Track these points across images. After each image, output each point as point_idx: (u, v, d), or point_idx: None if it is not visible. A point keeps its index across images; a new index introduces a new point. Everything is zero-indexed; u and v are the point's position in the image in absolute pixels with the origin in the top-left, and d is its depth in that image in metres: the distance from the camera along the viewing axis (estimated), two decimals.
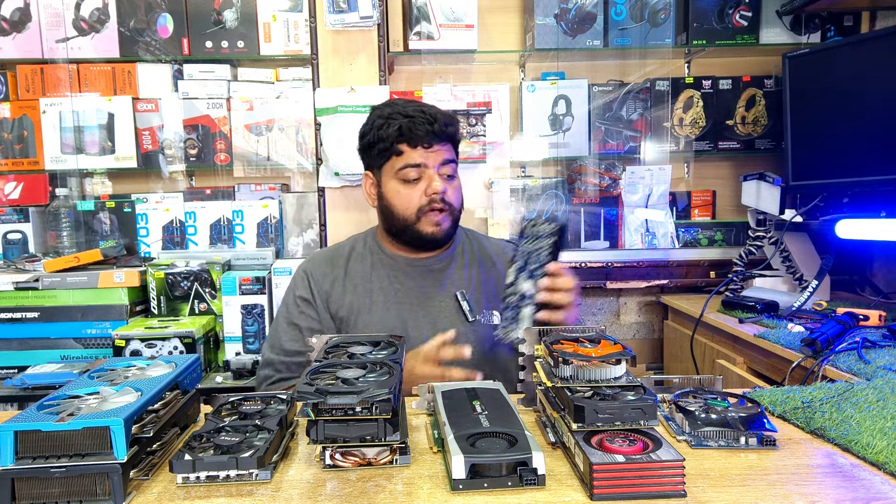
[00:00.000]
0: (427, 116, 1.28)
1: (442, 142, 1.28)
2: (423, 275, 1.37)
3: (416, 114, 1.28)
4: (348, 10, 1.95)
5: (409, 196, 1.30)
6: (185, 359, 0.96)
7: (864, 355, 1.27)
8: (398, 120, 1.28)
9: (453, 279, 1.37)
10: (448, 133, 1.28)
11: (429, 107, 1.32)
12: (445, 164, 1.30)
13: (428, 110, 1.30)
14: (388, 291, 1.36)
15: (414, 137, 1.27)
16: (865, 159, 1.74)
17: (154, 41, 2.15)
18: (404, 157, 1.29)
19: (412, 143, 1.28)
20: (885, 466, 0.77)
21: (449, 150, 1.31)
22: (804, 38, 2.25)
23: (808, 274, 1.90)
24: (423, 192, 1.29)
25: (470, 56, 2.26)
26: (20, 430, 0.70)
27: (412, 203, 1.30)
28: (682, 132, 2.33)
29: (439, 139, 1.28)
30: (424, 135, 1.26)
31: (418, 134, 1.26)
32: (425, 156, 1.28)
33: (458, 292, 1.34)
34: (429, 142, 1.27)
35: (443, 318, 1.33)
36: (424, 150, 1.27)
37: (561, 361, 0.80)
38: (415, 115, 1.28)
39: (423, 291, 1.36)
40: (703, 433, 0.85)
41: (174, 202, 2.20)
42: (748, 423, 0.85)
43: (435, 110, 1.31)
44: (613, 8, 2.22)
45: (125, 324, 1.87)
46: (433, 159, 1.28)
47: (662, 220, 2.32)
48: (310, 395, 0.74)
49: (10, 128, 2.18)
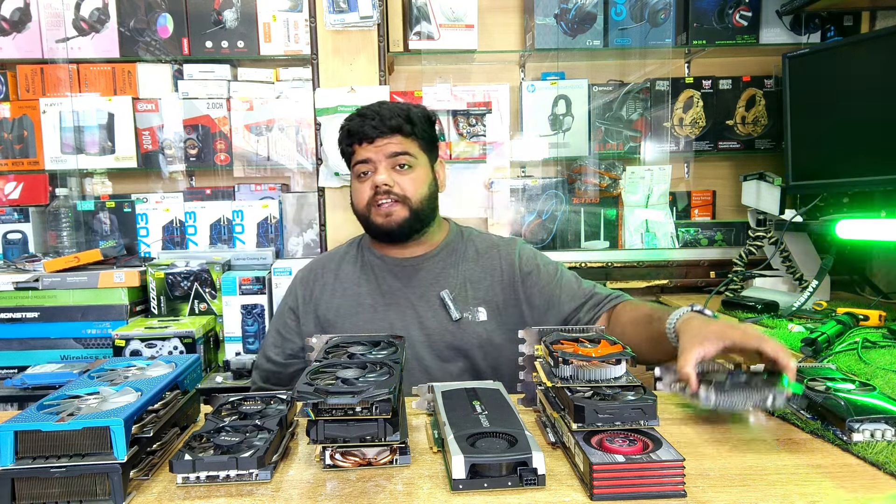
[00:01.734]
0: (371, 113, 1.31)
1: (387, 135, 1.30)
2: (411, 275, 1.38)
3: (366, 112, 1.33)
4: (348, 10, 1.95)
5: (362, 190, 1.34)
6: (185, 359, 0.97)
7: (863, 355, 1.27)
8: (349, 123, 1.34)
9: (440, 278, 1.37)
10: (391, 125, 1.30)
11: (386, 104, 1.35)
12: (395, 156, 1.31)
13: (378, 108, 1.33)
14: (375, 294, 1.37)
15: (360, 134, 1.31)
16: (865, 159, 1.74)
17: (154, 41, 2.15)
18: (355, 155, 1.34)
19: (359, 141, 1.32)
20: (885, 466, 0.77)
21: (398, 143, 1.31)
22: (804, 38, 2.25)
23: (808, 274, 1.90)
24: (370, 185, 1.32)
25: (470, 56, 2.26)
26: (20, 430, 0.70)
27: (363, 197, 1.34)
28: (682, 132, 2.33)
29: (383, 133, 1.30)
30: (368, 129, 1.30)
31: (363, 131, 1.30)
32: (371, 150, 1.31)
33: (442, 292, 1.34)
34: (371, 137, 1.30)
35: (430, 318, 1.34)
36: (369, 144, 1.31)
37: (561, 361, 0.80)
38: (365, 114, 1.32)
39: (410, 292, 1.36)
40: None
41: (174, 202, 2.20)
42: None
43: (386, 106, 1.33)
44: (613, 8, 2.22)
45: (125, 324, 1.87)
46: (379, 152, 1.31)
47: (662, 220, 2.32)
48: (310, 395, 0.74)
49: (10, 128, 2.18)
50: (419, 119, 1.35)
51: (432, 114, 1.42)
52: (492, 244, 1.44)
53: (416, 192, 1.33)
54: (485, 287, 1.37)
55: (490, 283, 1.37)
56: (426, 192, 1.35)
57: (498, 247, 1.43)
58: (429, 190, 1.36)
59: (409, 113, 1.33)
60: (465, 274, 1.38)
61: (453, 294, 1.35)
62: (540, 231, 2.33)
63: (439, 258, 1.40)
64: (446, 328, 1.33)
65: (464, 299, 1.35)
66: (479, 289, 1.37)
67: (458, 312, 1.33)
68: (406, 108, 1.34)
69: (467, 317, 1.34)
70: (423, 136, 1.36)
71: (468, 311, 1.34)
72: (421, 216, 1.34)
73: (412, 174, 1.33)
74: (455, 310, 1.33)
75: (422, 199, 1.34)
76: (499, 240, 1.47)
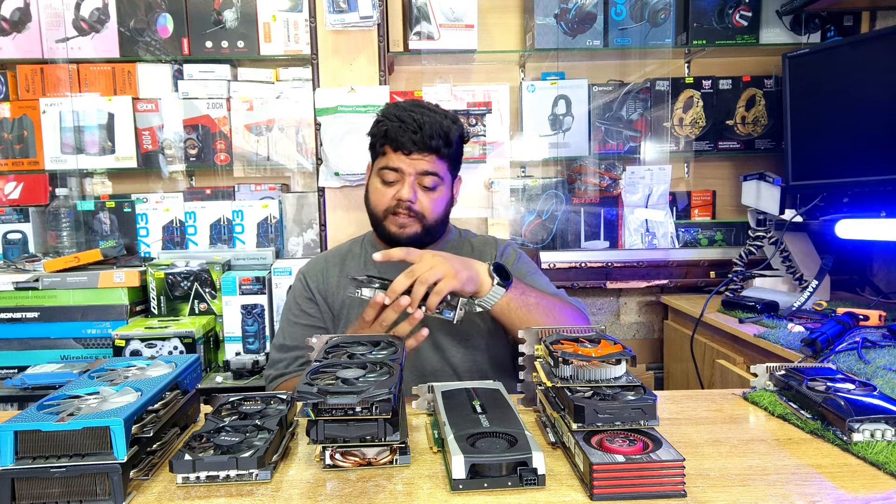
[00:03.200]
0: (414, 125, 1.28)
1: (424, 152, 1.29)
2: None
3: (409, 120, 1.29)
4: (348, 10, 1.95)
5: (383, 194, 1.33)
6: (185, 359, 0.96)
7: (864, 355, 1.27)
8: (389, 123, 1.31)
9: None
10: (430, 146, 1.28)
11: (430, 114, 1.31)
12: (425, 175, 1.30)
13: (421, 118, 1.29)
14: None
15: (396, 142, 1.29)
16: (865, 159, 1.74)
17: (154, 41, 2.15)
18: (386, 158, 1.32)
19: (394, 147, 1.30)
20: (885, 466, 0.77)
21: (432, 162, 1.30)
22: (804, 38, 2.25)
23: (808, 274, 1.90)
24: (394, 195, 1.31)
25: (470, 56, 2.26)
26: (20, 430, 0.70)
27: (383, 202, 1.33)
28: (682, 132, 2.33)
29: (420, 149, 1.28)
30: (407, 142, 1.28)
31: (400, 140, 1.28)
32: (404, 162, 1.29)
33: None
34: (409, 149, 1.28)
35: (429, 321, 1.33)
36: (405, 155, 1.29)
37: (561, 361, 0.80)
38: (406, 121, 1.29)
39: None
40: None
41: (174, 202, 2.20)
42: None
43: (429, 119, 1.30)
44: (613, 8, 2.22)
45: (125, 324, 1.87)
46: (411, 167, 1.30)
47: (662, 220, 2.32)
48: (310, 395, 0.74)
49: (10, 128, 2.18)
50: (456, 141, 1.34)
51: (467, 132, 1.40)
52: (484, 241, 1.47)
53: (434, 213, 1.34)
54: None
55: None
56: (442, 212, 1.37)
57: (487, 244, 1.46)
58: (445, 209, 1.38)
59: (449, 134, 1.31)
60: None
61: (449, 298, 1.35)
62: (540, 231, 2.34)
63: None
64: (443, 325, 1.32)
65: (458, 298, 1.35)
66: None
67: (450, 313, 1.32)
68: (447, 128, 1.31)
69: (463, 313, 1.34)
70: (453, 157, 1.36)
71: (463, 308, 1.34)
72: (432, 231, 1.36)
73: (436, 195, 1.33)
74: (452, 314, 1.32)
75: (437, 218, 1.35)
76: (492, 239, 1.49)
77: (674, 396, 1.09)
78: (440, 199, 1.35)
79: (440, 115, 1.32)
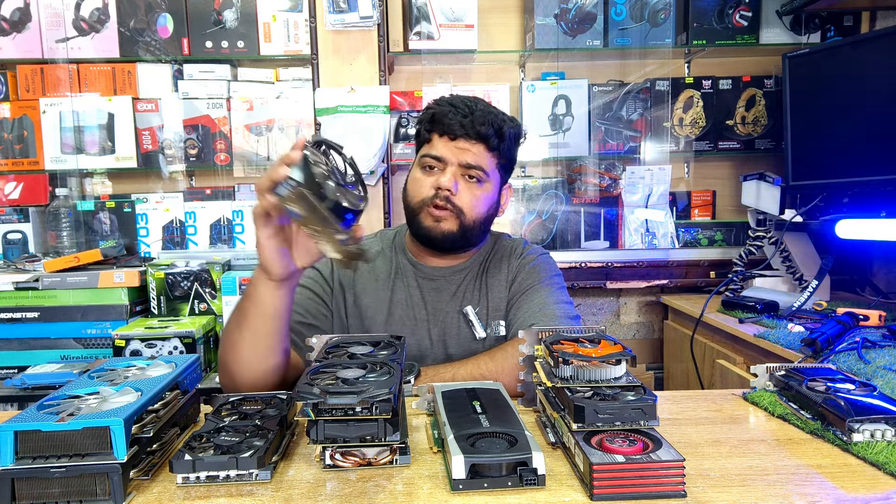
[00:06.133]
0: (465, 109, 1.20)
1: (471, 139, 1.20)
2: (438, 289, 1.31)
3: (460, 104, 1.21)
4: (348, 10, 1.95)
5: (422, 183, 1.23)
6: (185, 359, 0.96)
7: (864, 355, 1.27)
8: (438, 107, 1.23)
9: (465, 293, 1.31)
10: (480, 132, 1.19)
11: (485, 104, 1.23)
12: (470, 168, 1.21)
13: (474, 105, 1.22)
14: (404, 305, 1.30)
15: (443, 125, 1.21)
16: (865, 159, 1.74)
17: (154, 41, 2.15)
18: (430, 144, 1.24)
19: (440, 132, 1.22)
20: (885, 466, 0.77)
21: (479, 153, 1.21)
22: (804, 38, 2.25)
23: (808, 274, 1.90)
24: (433, 183, 1.22)
25: (470, 56, 2.26)
26: (20, 430, 0.70)
27: (421, 191, 1.23)
28: (682, 132, 2.33)
29: (468, 135, 1.20)
30: (454, 125, 1.19)
31: (449, 123, 1.20)
32: (449, 149, 1.21)
33: (465, 309, 1.28)
34: (456, 133, 1.20)
35: (452, 336, 1.28)
36: (450, 140, 1.21)
37: (561, 361, 0.80)
38: (457, 105, 1.21)
39: (436, 307, 1.30)
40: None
41: (174, 202, 2.20)
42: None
43: (483, 107, 1.22)
44: (613, 8, 2.22)
45: (125, 324, 1.87)
46: (456, 156, 1.21)
47: (662, 220, 2.32)
48: (310, 395, 0.74)
49: (10, 128, 2.18)
50: (509, 136, 1.24)
51: (523, 133, 1.31)
52: (511, 250, 1.37)
53: (474, 210, 1.23)
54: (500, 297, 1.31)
55: (504, 292, 1.31)
56: (484, 213, 1.25)
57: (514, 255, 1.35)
58: (487, 212, 1.26)
59: (503, 126, 1.22)
60: (485, 285, 1.32)
61: (477, 309, 1.29)
62: (540, 231, 2.34)
63: (466, 271, 1.33)
64: (469, 347, 1.27)
65: (483, 314, 1.29)
66: (495, 300, 1.31)
67: (482, 330, 1.27)
68: (501, 120, 1.22)
69: (490, 333, 1.28)
70: (505, 155, 1.26)
71: (490, 326, 1.28)
72: (469, 235, 1.25)
73: (479, 192, 1.23)
74: (480, 327, 1.27)
75: (477, 219, 1.24)
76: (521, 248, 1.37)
77: (674, 396, 1.09)
78: (484, 197, 1.24)
79: (497, 110, 1.25)
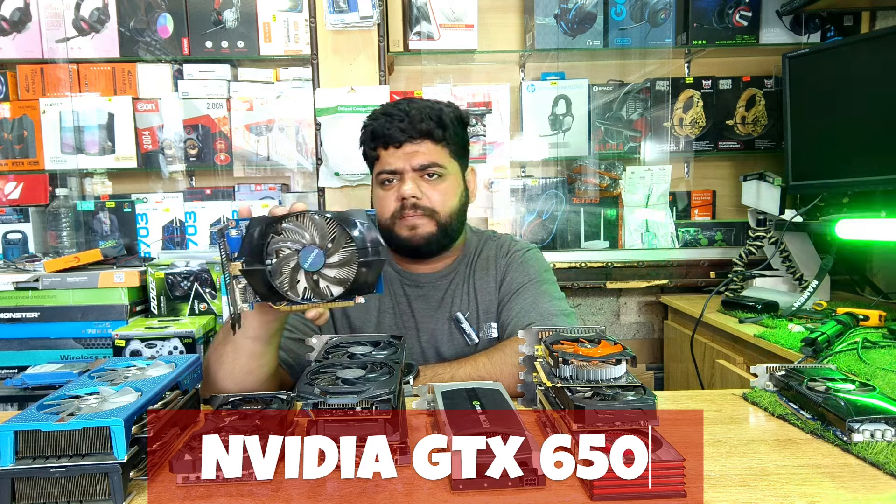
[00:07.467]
0: (401, 114, 1.17)
1: (416, 139, 1.18)
2: (426, 296, 1.30)
3: (394, 111, 1.18)
4: (348, 10, 1.95)
5: (386, 199, 1.22)
6: (185, 359, 0.96)
7: (863, 355, 1.27)
8: (374, 122, 1.21)
9: (454, 298, 1.30)
10: (421, 129, 1.17)
11: (418, 102, 1.21)
12: (425, 168, 1.19)
13: (407, 107, 1.19)
14: (391, 313, 1.30)
15: (386, 138, 1.18)
16: (865, 159, 1.74)
17: (154, 41, 2.15)
18: (381, 161, 1.22)
19: (385, 145, 1.19)
20: (885, 466, 0.77)
21: (429, 150, 1.19)
22: (804, 38, 2.25)
23: (808, 274, 1.90)
24: (396, 196, 1.20)
25: (470, 56, 2.26)
26: (20, 430, 0.70)
27: (388, 208, 1.22)
28: (682, 132, 2.33)
29: (412, 137, 1.17)
30: (395, 132, 1.17)
31: (390, 134, 1.17)
32: (399, 157, 1.19)
33: (456, 315, 1.27)
34: (400, 140, 1.17)
35: (445, 343, 1.27)
36: (396, 149, 1.18)
37: (561, 361, 0.80)
38: (392, 113, 1.18)
39: (424, 315, 1.29)
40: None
41: (174, 202, 2.20)
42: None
43: (417, 105, 1.19)
44: (613, 8, 2.22)
45: (125, 324, 1.87)
46: (407, 161, 1.18)
47: (662, 220, 2.32)
48: (310, 395, 0.74)
49: (10, 128, 2.18)
50: (452, 122, 1.22)
51: (465, 114, 1.28)
52: (498, 249, 1.35)
53: (446, 206, 1.21)
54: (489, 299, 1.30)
55: (493, 293, 1.31)
56: (456, 205, 1.24)
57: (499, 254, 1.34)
58: (459, 202, 1.25)
59: (441, 115, 1.20)
60: (474, 289, 1.30)
61: (467, 314, 1.28)
62: (540, 231, 2.34)
63: (453, 275, 1.31)
64: (462, 353, 1.25)
65: (474, 317, 1.29)
66: (486, 302, 1.30)
67: (475, 335, 1.26)
68: (438, 109, 1.20)
69: (483, 336, 1.27)
70: (455, 142, 1.23)
71: (482, 329, 1.28)
72: (449, 231, 1.24)
73: (442, 185, 1.21)
74: (473, 332, 1.26)
75: (451, 213, 1.23)
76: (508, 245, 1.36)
77: (674, 396, 1.09)
78: (450, 190, 1.22)
79: (431, 102, 1.22)
